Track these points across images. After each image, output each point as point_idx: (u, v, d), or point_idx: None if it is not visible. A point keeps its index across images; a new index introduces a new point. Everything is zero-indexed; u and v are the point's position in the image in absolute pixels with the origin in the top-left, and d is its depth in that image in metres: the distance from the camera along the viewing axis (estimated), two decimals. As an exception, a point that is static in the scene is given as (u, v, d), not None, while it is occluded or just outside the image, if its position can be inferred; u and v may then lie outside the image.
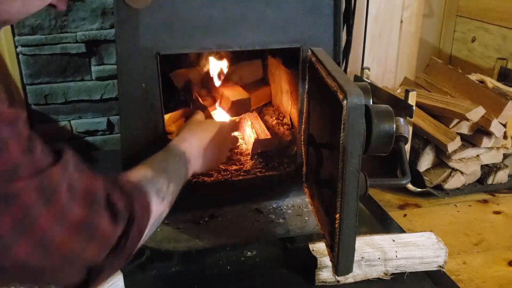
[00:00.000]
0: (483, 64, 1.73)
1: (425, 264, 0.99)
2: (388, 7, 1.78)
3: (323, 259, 0.94)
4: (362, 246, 0.97)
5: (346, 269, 0.75)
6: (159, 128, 1.00)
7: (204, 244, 0.98)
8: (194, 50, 0.94)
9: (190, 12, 0.90)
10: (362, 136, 0.67)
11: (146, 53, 0.91)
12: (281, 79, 1.29)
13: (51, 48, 1.43)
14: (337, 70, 0.75)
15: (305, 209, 1.10)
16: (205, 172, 0.91)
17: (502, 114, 1.33)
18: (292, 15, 0.96)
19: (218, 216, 1.07)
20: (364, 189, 0.72)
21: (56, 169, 0.46)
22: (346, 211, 0.69)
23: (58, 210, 0.46)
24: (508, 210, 1.35)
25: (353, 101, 0.64)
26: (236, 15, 0.93)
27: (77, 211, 0.49)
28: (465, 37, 1.82)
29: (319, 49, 0.90)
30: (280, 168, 1.15)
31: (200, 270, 1.02)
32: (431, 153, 1.41)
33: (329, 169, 0.78)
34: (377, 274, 0.97)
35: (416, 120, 1.39)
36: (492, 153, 1.42)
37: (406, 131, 0.80)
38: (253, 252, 1.08)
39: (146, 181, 0.66)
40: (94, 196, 0.52)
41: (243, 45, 0.96)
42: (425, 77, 1.65)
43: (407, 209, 1.36)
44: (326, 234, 0.82)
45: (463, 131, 1.36)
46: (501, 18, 1.64)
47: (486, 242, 1.20)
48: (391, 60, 1.88)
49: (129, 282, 0.98)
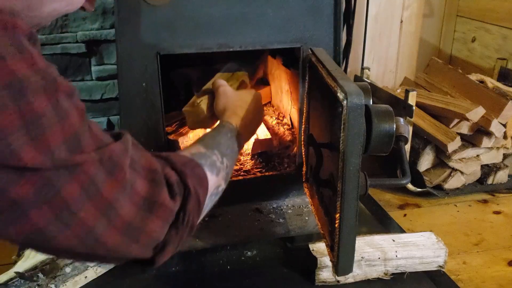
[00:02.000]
0: (483, 64, 1.73)
1: (425, 264, 0.99)
2: (388, 7, 1.78)
3: (323, 259, 0.94)
4: (362, 246, 0.97)
5: (346, 269, 0.75)
6: (159, 128, 1.00)
7: (204, 244, 0.98)
8: (194, 50, 0.94)
9: (191, 11, 0.91)
10: (362, 136, 0.67)
11: (147, 53, 0.91)
12: (281, 79, 1.29)
13: (51, 48, 1.43)
14: (337, 70, 0.75)
15: (305, 209, 1.10)
16: None
17: (502, 114, 1.33)
18: (292, 15, 0.96)
19: (218, 216, 1.07)
20: (364, 189, 0.72)
21: (117, 145, 0.48)
22: (346, 211, 0.69)
23: (121, 183, 0.48)
24: (508, 210, 1.35)
25: (353, 101, 0.64)
26: (236, 15, 0.93)
27: (140, 186, 0.50)
28: (465, 37, 1.82)
29: (319, 49, 0.90)
30: (280, 168, 1.15)
31: (200, 270, 1.02)
32: (431, 153, 1.41)
33: (329, 169, 0.78)
34: (377, 274, 0.98)
35: (416, 120, 1.39)
36: (492, 153, 1.42)
37: (406, 131, 0.80)
38: (253, 252, 1.08)
39: (199, 155, 0.67)
40: (155, 173, 0.53)
41: (243, 45, 0.96)
42: (425, 77, 1.65)
43: (407, 209, 1.36)
44: (326, 234, 0.82)
45: (463, 131, 1.36)
46: (501, 18, 1.64)
47: (486, 242, 1.20)
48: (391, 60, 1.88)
49: (129, 282, 0.98)
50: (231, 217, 1.07)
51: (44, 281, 0.90)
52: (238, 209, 1.09)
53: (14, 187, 0.39)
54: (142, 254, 0.54)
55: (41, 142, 0.40)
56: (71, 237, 0.45)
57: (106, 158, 0.46)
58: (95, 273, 0.98)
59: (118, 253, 0.51)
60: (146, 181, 0.51)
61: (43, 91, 0.40)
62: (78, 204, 0.43)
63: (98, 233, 0.46)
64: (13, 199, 0.39)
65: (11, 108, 0.38)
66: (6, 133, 0.38)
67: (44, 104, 0.40)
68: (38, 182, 0.40)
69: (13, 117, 0.38)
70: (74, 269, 0.95)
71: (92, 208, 0.45)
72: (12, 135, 0.38)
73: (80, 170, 0.43)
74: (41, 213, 0.42)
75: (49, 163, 0.40)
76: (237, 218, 1.06)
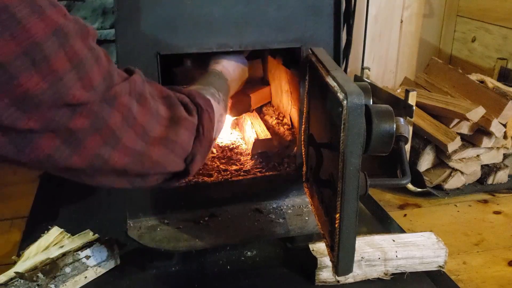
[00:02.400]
0: (483, 64, 1.73)
1: (425, 264, 0.99)
2: (388, 7, 1.78)
3: (323, 259, 0.94)
4: (362, 246, 0.97)
5: (346, 269, 0.75)
6: (159, 128, 1.00)
7: (204, 244, 0.98)
8: (194, 50, 0.93)
9: (191, 11, 0.90)
10: (362, 136, 0.67)
11: (147, 53, 0.91)
12: (281, 79, 1.29)
13: (51, 48, 1.43)
14: (337, 70, 0.75)
15: (305, 209, 1.10)
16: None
17: (502, 114, 1.33)
18: (292, 15, 0.96)
19: (218, 215, 1.07)
20: (364, 189, 0.72)
21: (137, 77, 0.56)
22: (346, 211, 0.69)
23: (149, 110, 0.57)
24: (508, 210, 1.35)
25: (353, 101, 0.64)
26: (236, 15, 0.93)
27: (162, 110, 0.60)
28: (465, 37, 1.82)
29: (319, 49, 0.90)
30: (280, 168, 1.15)
31: (200, 270, 1.02)
32: (431, 153, 1.41)
33: (329, 169, 0.78)
34: (377, 274, 0.98)
35: (416, 120, 1.39)
36: (492, 153, 1.42)
37: (406, 131, 0.80)
38: (253, 252, 1.08)
39: (199, 89, 0.75)
40: (169, 98, 0.63)
41: (243, 45, 0.96)
42: (425, 77, 1.65)
43: (407, 209, 1.36)
44: (326, 234, 0.82)
45: (463, 131, 1.36)
46: (502, 18, 1.64)
47: (486, 242, 1.20)
48: (391, 60, 1.88)
49: (129, 282, 0.98)
50: (231, 217, 1.07)
51: (44, 281, 0.90)
52: (238, 209, 1.09)
53: (70, 121, 0.46)
54: (177, 167, 0.64)
55: (86, 81, 0.46)
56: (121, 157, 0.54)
57: (133, 89, 0.54)
58: (95, 273, 0.98)
59: (160, 166, 0.60)
60: (165, 106, 0.61)
61: (80, 36, 0.46)
62: (121, 130, 0.52)
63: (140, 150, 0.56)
64: (71, 130, 0.47)
65: (61, 53, 0.44)
66: (62, 75, 0.44)
67: (82, 47, 0.46)
68: (90, 115, 0.48)
69: (64, 61, 0.44)
70: (74, 269, 0.95)
71: (132, 133, 0.54)
72: (66, 76, 0.44)
73: (118, 101, 0.51)
74: (95, 140, 0.50)
75: (95, 98, 0.48)
76: (237, 218, 1.06)
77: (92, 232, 1.02)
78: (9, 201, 1.36)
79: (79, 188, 1.37)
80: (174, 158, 0.62)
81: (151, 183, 0.63)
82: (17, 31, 0.40)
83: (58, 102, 0.44)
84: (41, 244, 0.99)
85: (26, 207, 1.30)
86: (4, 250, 1.15)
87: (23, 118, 0.43)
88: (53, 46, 0.43)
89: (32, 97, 0.42)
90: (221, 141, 1.29)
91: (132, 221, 1.03)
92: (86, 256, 0.97)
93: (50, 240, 1.00)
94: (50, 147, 0.47)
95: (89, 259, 0.97)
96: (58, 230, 1.04)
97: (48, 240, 1.00)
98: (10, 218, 1.28)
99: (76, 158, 0.49)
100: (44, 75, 0.42)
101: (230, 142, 1.29)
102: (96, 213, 1.22)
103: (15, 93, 0.41)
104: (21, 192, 1.40)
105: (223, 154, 1.22)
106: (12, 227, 1.24)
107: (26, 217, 1.26)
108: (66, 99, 0.44)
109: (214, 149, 1.23)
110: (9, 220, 1.27)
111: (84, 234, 1.02)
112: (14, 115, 0.42)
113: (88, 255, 0.97)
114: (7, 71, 0.40)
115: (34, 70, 0.42)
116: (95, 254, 0.98)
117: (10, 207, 1.33)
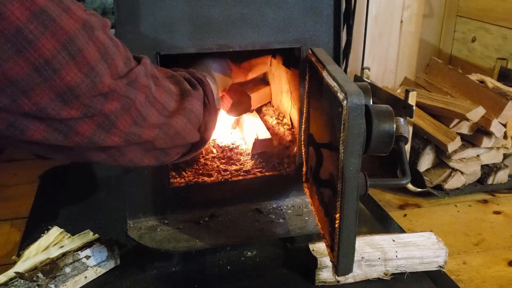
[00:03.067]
0: (483, 64, 1.73)
1: (425, 264, 0.99)
2: (388, 7, 1.78)
3: (323, 259, 0.94)
4: (362, 246, 0.97)
5: (346, 269, 0.75)
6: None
7: (204, 244, 0.98)
8: (194, 50, 0.93)
9: (191, 12, 0.90)
10: (362, 136, 0.67)
11: (147, 53, 0.91)
12: (281, 79, 1.29)
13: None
14: (337, 70, 0.75)
15: (305, 209, 1.10)
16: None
17: (502, 114, 1.33)
18: (292, 15, 0.96)
19: (218, 216, 1.07)
20: (364, 189, 0.72)
21: (146, 60, 0.61)
22: (346, 211, 0.69)
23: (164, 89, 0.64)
24: (508, 210, 1.35)
25: (353, 101, 0.64)
26: (236, 16, 0.93)
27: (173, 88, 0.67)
28: (465, 37, 1.82)
29: (319, 49, 0.90)
30: (280, 168, 1.15)
31: (200, 270, 1.02)
32: (431, 153, 1.41)
33: (329, 169, 0.78)
34: (377, 274, 0.98)
35: (416, 120, 1.39)
36: (492, 153, 1.42)
37: (406, 131, 0.80)
38: (253, 252, 1.08)
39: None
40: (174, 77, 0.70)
41: (243, 45, 0.96)
42: (425, 77, 1.65)
43: (407, 209, 1.36)
44: (326, 234, 0.82)
45: (463, 131, 1.36)
46: (501, 18, 1.64)
47: (486, 242, 1.20)
48: (391, 60, 1.88)
49: (129, 282, 0.98)
50: (231, 217, 1.07)
51: (44, 281, 0.90)
52: (238, 209, 1.09)
53: (104, 106, 0.51)
54: (194, 137, 0.70)
55: (113, 68, 0.52)
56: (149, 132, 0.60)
57: (147, 71, 0.59)
58: (95, 273, 0.98)
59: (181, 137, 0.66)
60: (173, 84, 0.68)
61: (101, 27, 0.51)
62: (145, 109, 0.58)
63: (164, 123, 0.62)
64: (105, 114, 0.52)
65: (91, 44, 0.48)
66: (93, 65, 0.48)
67: (105, 37, 0.51)
68: (120, 98, 0.53)
69: (94, 52, 0.49)
70: (74, 269, 0.95)
71: (154, 110, 0.60)
72: (97, 66, 0.49)
73: (140, 83, 0.56)
74: (125, 120, 0.55)
75: (122, 82, 0.53)
76: (237, 218, 1.06)
77: (92, 232, 1.02)
78: (9, 201, 1.37)
79: (79, 188, 1.37)
80: (192, 128, 0.68)
81: (174, 156, 0.69)
82: (55, 29, 0.45)
83: (94, 91, 0.49)
84: (41, 244, 0.99)
85: (26, 208, 1.30)
86: (4, 250, 1.15)
87: (66, 109, 0.48)
88: (84, 39, 0.47)
89: (73, 89, 0.47)
90: (221, 141, 1.29)
91: (132, 221, 1.03)
92: (86, 256, 0.97)
93: (50, 240, 1.00)
94: (90, 130, 0.52)
95: (89, 259, 0.97)
96: (58, 230, 1.04)
97: (48, 240, 1.00)
98: (10, 219, 1.28)
99: (113, 138, 0.55)
100: (80, 67, 0.47)
101: (230, 142, 1.29)
102: (96, 213, 1.23)
103: (59, 87, 0.46)
104: (21, 192, 1.40)
105: (223, 154, 1.22)
106: (12, 227, 1.24)
107: (26, 218, 1.26)
108: (99, 87, 0.49)
109: (214, 149, 1.23)
110: (9, 220, 1.27)
111: (84, 234, 1.02)
112: (58, 107, 0.47)
113: (88, 255, 0.97)
114: (52, 66, 0.45)
115: (73, 62, 0.46)
116: (95, 254, 0.98)
117: (10, 208, 1.33)
